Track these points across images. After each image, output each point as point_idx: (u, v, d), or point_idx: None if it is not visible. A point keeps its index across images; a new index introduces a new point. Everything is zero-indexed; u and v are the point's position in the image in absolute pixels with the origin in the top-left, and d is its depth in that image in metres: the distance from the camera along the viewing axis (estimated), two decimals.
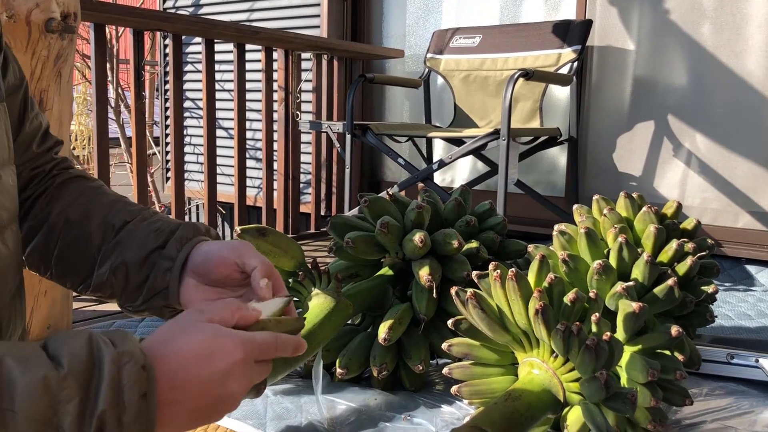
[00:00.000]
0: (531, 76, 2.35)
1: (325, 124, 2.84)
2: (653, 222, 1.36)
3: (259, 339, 0.62)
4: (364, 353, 1.38)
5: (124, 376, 0.52)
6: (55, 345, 0.52)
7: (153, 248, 0.81)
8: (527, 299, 1.06)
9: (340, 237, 1.47)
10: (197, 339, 0.59)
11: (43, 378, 0.48)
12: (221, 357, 0.58)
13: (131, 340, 0.55)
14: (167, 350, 0.57)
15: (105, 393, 0.50)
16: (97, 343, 0.52)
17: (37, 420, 0.48)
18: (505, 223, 1.60)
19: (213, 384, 0.58)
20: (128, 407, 0.51)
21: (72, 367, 0.50)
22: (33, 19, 1.53)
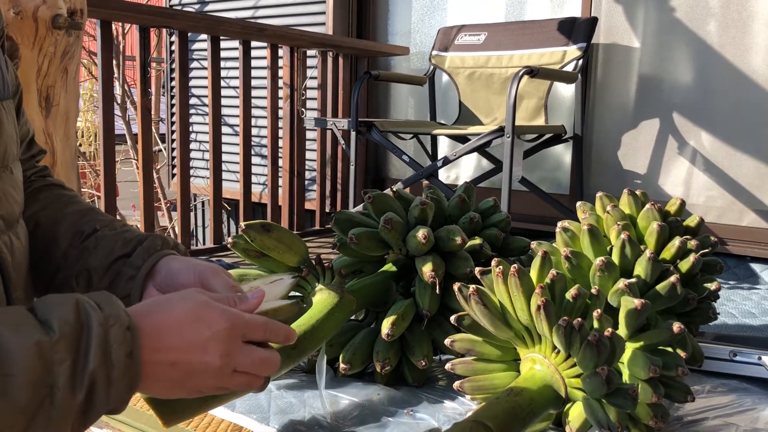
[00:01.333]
0: (536, 74, 2.36)
1: (330, 121, 2.85)
2: (656, 219, 1.36)
3: (247, 317, 0.65)
4: (367, 349, 1.39)
5: (111, 336, 0.55)
6: (44, 310, 0.54)
7: (119, 256, 0.82)
8: (529, 295, 1.07)
9: (343, 233, 1.48)
10: (186, 306, 0.62)
11: (36, 343, 0.51)
12: (206, 324, 0.61)
13: (116, 303, 0.58)
14: (155, 313, 0.61)
15: (94, 353, 0.54)
16: (84, 307, 0.55)
17: (34, 382, 0.51)
18: (508, 220, 1.60)
19: (194, 348, 0.60)
20: (116, 365, 0.55)
21: (63, 331, 0.53)
22: (40, 15, 1.54)
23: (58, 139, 1.64)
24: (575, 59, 2.68)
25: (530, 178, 2.81)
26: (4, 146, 0.74)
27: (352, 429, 1.17)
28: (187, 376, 0.61)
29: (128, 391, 0.57)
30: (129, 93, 4.98)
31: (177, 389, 0.62)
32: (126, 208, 5.60)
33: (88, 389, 0.53)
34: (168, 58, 4.13)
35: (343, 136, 2.96)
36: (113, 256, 0.82)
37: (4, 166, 0.75)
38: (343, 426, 1.18)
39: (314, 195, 3.46)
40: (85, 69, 5.51)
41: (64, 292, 0.82)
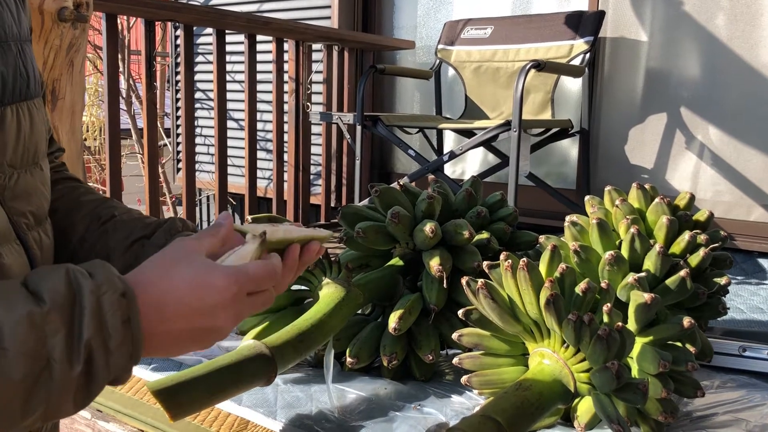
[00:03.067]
0: (543, 68, 2.34)
1: (336, 116, 2.84)
2: (666, 213, 1.35)
3: (251, 271, 0.62)
4: (374, 343, 1.39)
5: (104, 304, 0.54)
6: (35, 281, 0.54)
7: (139, 237, 0.81)
8: (538, 289, 1.06)
9: (350, 227, 1.47)
10: (188, 272, 0.59)
11: (27, 314, 0.50)
12: (212, 292, 0.59)
13: (109, 269, 0.57)
14: (155, 283, 0.59)
15: (88, 322, 0.52)
16: (75, 276, 0.54)
17: (28, 354, 0.50)
18: (516, 215, 1.59)
19: (203, 316, 0.59)
20: (113, 333, 0.53)
21: (53, 301, 0.52)
22: (46, 8, 1.53)
23: (63, 133, 1.64)
24: (582, 53, 2.66)
25: (537, 173, 2.79)
26: (35, 143, 0.74)
27: (359, 423, 1.17)
28: (196, 339, 0.60)
29: (129, 359, 0.55)
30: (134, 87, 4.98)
31: (186, 349, 0.62)
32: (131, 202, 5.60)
33: (86, 360, 0.52)
34: (173, 53, 4.12)
35: (348, 131, 2.95)
36: (133, 237, 0.81)
37: (35, 163, 0.75)
38: (351, 420, 1.18)
39: (319, 189, 3.46)
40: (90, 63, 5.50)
41: None
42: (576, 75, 2.64)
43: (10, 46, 0.74)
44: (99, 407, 1.26)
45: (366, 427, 1.15)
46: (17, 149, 0.72)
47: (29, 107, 0.75)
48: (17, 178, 0.72)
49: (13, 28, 0.76)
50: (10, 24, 0.76)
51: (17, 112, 0.72)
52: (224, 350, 1.52)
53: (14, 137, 0.71)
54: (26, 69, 0.75)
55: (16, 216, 0.71)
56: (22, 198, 0.73)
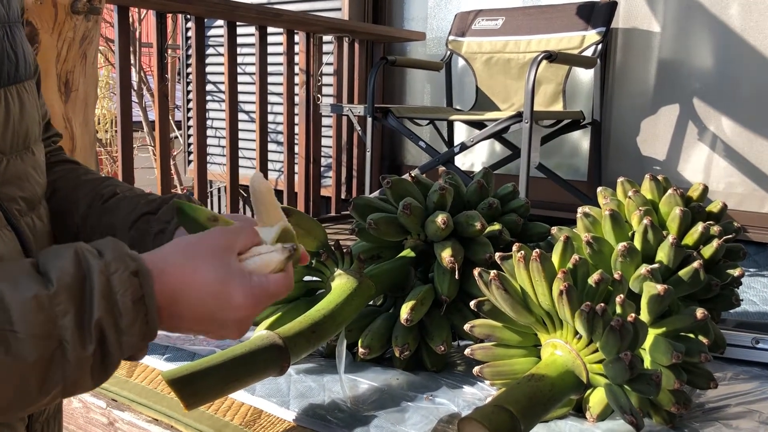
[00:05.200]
0: (554, 59, 2.33)
1: (346, 107, 2.84)
2: (679, 204, 1.35)
3: (272, 289, 0.61)
4: (386, 333, 1.39)
5: (114, 284, 0.53)
6: (45, 261, 0.53)
7: (144, 212, 0.79)
8: (551, 280, 1.06)
9: (362, 218, 1.47)
10: (213, 274, 0.58)
11: (34, 297, 0.50)
12: (230, 306, 0.58)
13: (119, 247, 0.55)
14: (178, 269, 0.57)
15: (98, 302, 0.51)
16: (84, 256, 0.53)
17: (39, 335, 0.49)
18: (527, 206, 1.59)
19: (214, 323, 0.59)
20: (124, 313, 0.53)
21: (61, 282, 0.51)
22: (59, 0, 1.54)
23: (77, 124, 1.65)
24: (594, 44, 2.64)
25: (548, 165, 2.78)
26: (26, 127, 0.74)
27: (371, 413, 1.17)
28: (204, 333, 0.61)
29: (143, 339, 0.54)
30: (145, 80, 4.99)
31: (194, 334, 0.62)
32: None
33: (98, 339, 0.52)
34: (184, 45, 4.13)
35: (359, 122, 2.95)
36: (137, 213, 0.79)
37: (26, 148, 0.75)
38: (363, 410, 1.19)
39: (330, 181, 3.46)
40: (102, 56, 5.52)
41: None
42: (588, 66, 2.63)
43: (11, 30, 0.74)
44: (114, 396, 1.27)
45: (378, 417, 1.16)
46: (5, 134, 0.70)
47: (18, 90, 0.73)
48: (6, 164, 0.71)
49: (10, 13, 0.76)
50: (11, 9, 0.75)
51: (5, 95, 0.70)
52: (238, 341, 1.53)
53: (2, 122, 0.70)
54: (15, 52, 0.73)
55: (7, 202, 0.70)
56: (13, 183, 0.72)
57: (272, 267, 0.62)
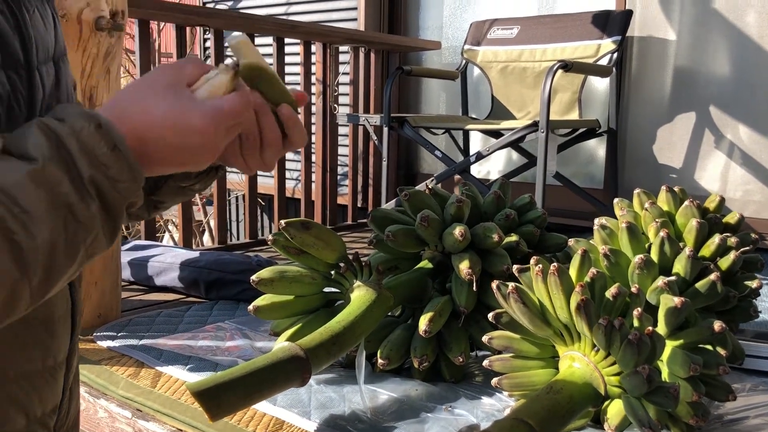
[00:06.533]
0: (570, 68, 2.34)
1: (363, 117, 2.86)
2: (695, 216, 1.35)
3: (227, 107, 0.61)
4: (404, 344, 1.41)
5: (86, 141, 0.55)
6: (14, 144, 0.55)
7: None
8: (569, 294, 1.07)
9: (380, 230, 1.49)
10: (165, 107, 0.60)
11: (28, 174, 0.52)
12: (191, 133, 0.60)
13: (75, 108, 0.58)
14: (133, 113, 0.59)
15: (81, 161, 0.54)
16: (47, 127, 0.55)
17: (49, 208, 0.52)
18: (544, 217, 1.60)
19: (185, 153, 0.61)
20: (108, 163, 0.55)
21: (43, 155, 0.53)
22: (84, 17, 1.58)
23: None
24: (610, 53, 2.65)
25: (564, 172, 2.79)
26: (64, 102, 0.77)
27: (391, 424, 1.19)
28: (184, 165, 0.62)
29: (132, 179, 0.57)
30: None
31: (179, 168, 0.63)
32: None
33: (97, 195, 0.55)
34: (202, 54, 4.18)
35: (375, 132, 2.97)
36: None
37: None
38: (383, 421, 1.20)
39: (346, 190, 3.48)
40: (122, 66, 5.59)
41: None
42: (603, 75, 2.64)
43: (53, 66, 0.77)
44: (139, 407, 1.29)
45: (398, 428, 1.17)
46: None
47: None
48: None
49: (58, 48, 0.79)
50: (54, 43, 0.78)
51: None
52: (258, 350, 1.55)
53: None
54: (67, 86, 0.78)
55: None
56: None
57: (223, 89, 0.62)
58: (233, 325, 1.69)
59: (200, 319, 1.76)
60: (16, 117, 0.66)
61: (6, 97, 0.64)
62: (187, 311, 1.82)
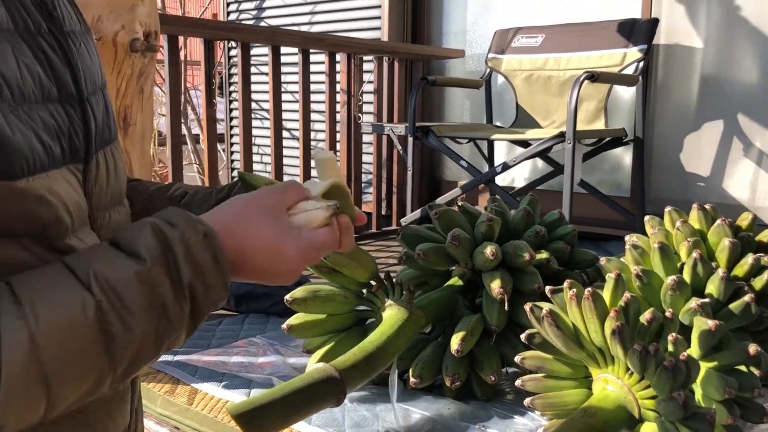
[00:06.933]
0: (597, 78, 2.34)
1: (387, 127, 2.88)
2: (727, 235, 1.35)
3: (319, 242, 0.68)
4: (436, 362, 1.42)
5: (192, 249, 0.60)
6: (127, 241, 0.60)
7: (218, 199, 0.88)
8: (603, 318, 1.08)
9: (410, 247, 1.51)
10: (268, 232, 0.66)
11: (136, 273, 0.57)
12: (283, 261, 0.66)
13: (186, 215, 0.63)
14: (239, 230, 0.65)
15: (184, 267, 0.59)
16: (161, 230, 0.60)
17: (147, 306, 0.57)
18: (574, 233, 1.61)
19: (267, 277, 0.67)
20: (206, 270, 0.60)
21: (152, 256, 0.58)
22: (119, 40, 1.61)
23: (135, 158, 1.72)
24: (636, 61, 2.64)
25: (589, 180, 2.79)
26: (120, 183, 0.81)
27: None
28: (260, 281, 0.69)
29: (224, 288, 0.63)
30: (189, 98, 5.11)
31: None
32: None
33: (191, 298, 0.59)
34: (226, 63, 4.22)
35: (400, 141, 2.98)
36: (213, 201, 0.88)
37: (120, 202, 0.81)
38: None
39: (371, 198, 3.50)
40: None
41: None
42: (630, 84, 2.63)
43: (101, 94, 0.80)
44: (177, 425, 1.32)
45: None
46: (107, 192, 0.77)
47: (112, 150, 0.80)
48: (109, 218, 0.78)
49: (101, 77, 0.82)
50: (99, 73, 0.81)
51: (104, 157, 0.77)
52: (290, 367, 1.58)
53: (105, 181, 0.76)
54: (108, 114, 0.81)
55: None
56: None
57: (318, 222, 0.69)
58: (265, 341, 1.71)
59: (232, 333, 1.78)
60: (77, 150, 0.69)
61: (66, 130, 0.67)
62: (218, 325, 1.85)
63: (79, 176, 0.70)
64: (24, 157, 0.59)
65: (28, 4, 0.66)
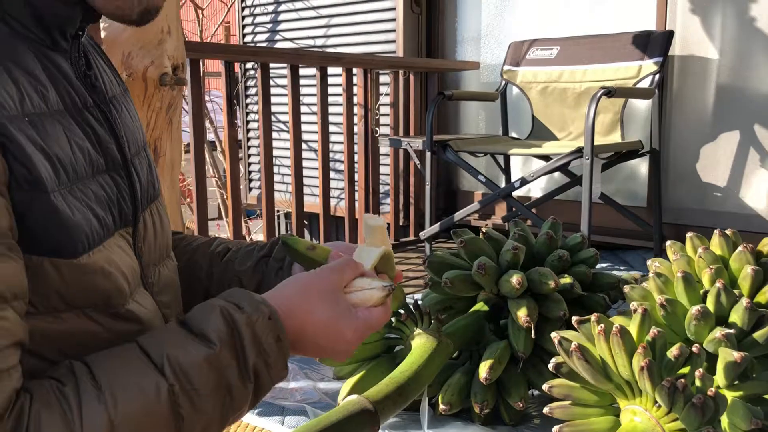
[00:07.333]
0: (613, 94, 2.36)
1: (405, 141, 2.91)
2: (750, 262, 1.38)
3: (374, 322, 0.73)
4: (464, 389, 1.46)
5: (258, 331, 0.65)
6: (197, 324, 0.64)
7: (260, 257, 0.93)
8: (631, 353, 1.11)
9: (436, 274, 1.54)
10: (327, 313, 0.70)
11: (206, 358, 0.62)
12: (340, 340, 0.71)
13: (252, 298, 0.67)
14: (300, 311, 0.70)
15: (250, 349, 0.64)
16: (229, 313, 0.65)
17: (215, 388, 0.62)
18: (596, 257, 1.64)
19: (325, 353, 0.73)
20: (269, 352, 0.65)
21: (220, 340, 0.63)
22: (149, 75, 1.65)
23: (165, 187, 1.76)
24: (651, 74, 2.66)
25: (606, 190, 2.81)
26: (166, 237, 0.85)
27: None
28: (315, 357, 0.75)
29: (284, 368, 0.67)
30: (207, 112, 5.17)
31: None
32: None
33: (254, 378, 0.64)
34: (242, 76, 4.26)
35: (417, 155, 3.02)
36: (255, 259, 0.93)
37: (168, 255, 0.85)
38: None
39: (388, 208, 3.54)
40: None
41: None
42: (646, 98, 2.65)
43: (144, 154, 0.84)
44: None
45: None
46: (155, 248, 0.81)
47: (157, 206, 0.84)
48: (159, 274, 0.82)
49: (142, 135, 0.86)
50: (140, 132, 0.85)
51: (150, 213, 0.81)
52: (320, 392, 1.62)
53: (152, 238, 0.80)
54: (151, 171, 0.84)
55: (163, 308, 0.81)
56: (165, 291, 0.83)
57: (373, 302, 0.74)
58: (293, 364, 1.75)
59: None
60: (126, 215, 0.74)
61: (115, 198, 0.72)
62: None
63: (129, 239, 0.74)
64: (84, 234, 0.64)
65: (74, 81, 0.71)
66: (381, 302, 0.74)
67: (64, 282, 0.62)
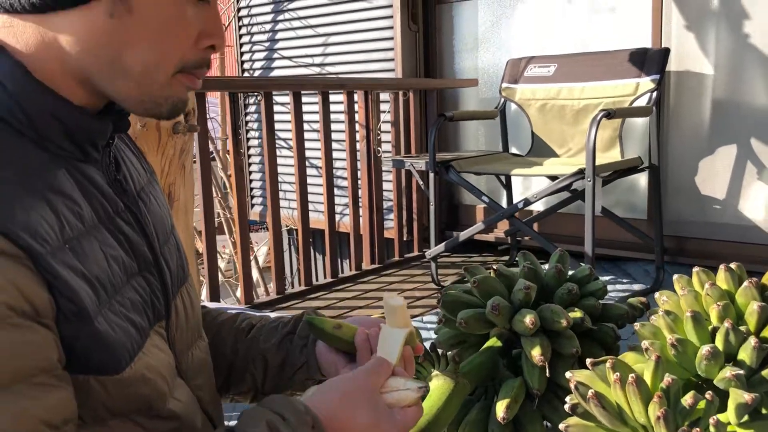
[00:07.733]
0: (613, 116, 2.40)
1: (408, 162, 2.95)
2: (756, 298, 1.42)
3: (410, 422, 0.77)
4: (481, 426, 1.50)
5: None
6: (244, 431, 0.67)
7: (285, 333, 0.95)
8: (647, 401, 1.15)
9: (450, 313, 1.58)
10: (368, 417, 0.73)
11: None
12: None
13: (295, 407, 0.70)
14: (342, 416, 0.73)
15: None
16: (275, 425, 0.68)
17: None
18: (605, 289, 1.67)
19: None
20: None
21: None
22: (162, 125, 1.69)
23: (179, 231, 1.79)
24: (649, 91, 2.70)
25: (606, 203, 2.85)
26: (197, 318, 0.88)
27: None
28: None
29: None
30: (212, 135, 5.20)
31: None
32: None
33: None
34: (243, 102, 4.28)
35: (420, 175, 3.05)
36: (279, 336, 0.95)
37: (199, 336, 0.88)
38: None
39: (392, 224, 3.58)
40: None
41: (241, 383, 0.98)
42: (644, 116, 2.69)
43: (173, 239, 0.86)
44: None
45: None
46: (187, 332, 0.84)
47: (187, 288, 0.86)
48: (192, 357, 0.84)
49: (170, 219, 0.88)
50: (167, 216, 0.87)
51: (182, 298, 0.83)
52: None
53: (184, 322, 0.83)
54: (180, 254, 0.86)
55: (197, 391, 0.83)
56: (198, 374, 0.85)
57: (408, 402, 0.77)
58: None
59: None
60: (158, 310, 0.76)
61: (149, 298, 0.74)
62: None
63: (163, 333, 0.77)
64: (125, 349, 0.66)
65: (105, 189, 0.72)
66: (415, 402, 0.77)
67: (109, 396, 0.65)
